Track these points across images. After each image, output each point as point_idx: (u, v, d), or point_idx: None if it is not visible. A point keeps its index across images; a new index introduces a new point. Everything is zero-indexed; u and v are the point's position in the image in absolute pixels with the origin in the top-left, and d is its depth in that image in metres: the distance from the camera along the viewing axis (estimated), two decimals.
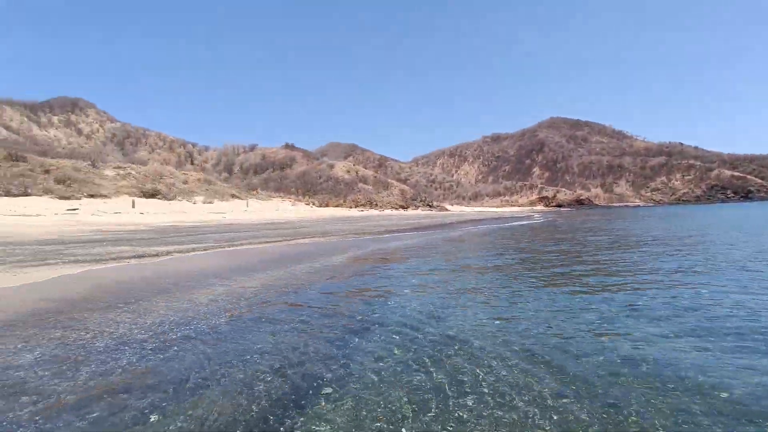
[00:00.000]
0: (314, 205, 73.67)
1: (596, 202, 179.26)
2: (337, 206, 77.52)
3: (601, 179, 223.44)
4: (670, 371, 3.38)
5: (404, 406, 2.87)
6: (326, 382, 3.27)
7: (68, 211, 27.45)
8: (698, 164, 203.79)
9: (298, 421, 2.68)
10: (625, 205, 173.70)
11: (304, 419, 2.70)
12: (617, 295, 6.27)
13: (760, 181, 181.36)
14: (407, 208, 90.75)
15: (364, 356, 3.82)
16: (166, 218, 28.27)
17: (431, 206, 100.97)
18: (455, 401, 2.93)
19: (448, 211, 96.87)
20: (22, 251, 9.94)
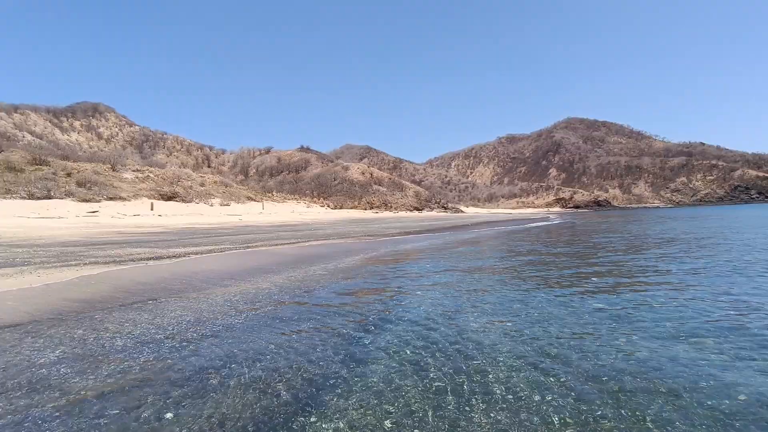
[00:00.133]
0: (329, 207, 74.14)
1: (614, 203, 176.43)
2: (351, 208, 77.90)
3: (619, 180, 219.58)
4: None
5: (415, 409, 2.89)
6: (337, 380, 3.31)
7: (89, 213, 28.17)
8: (721, 164, 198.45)
9: (310, 417, 2.72)
10: (644, 206, 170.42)
11: (317, 415, 2.74)
12: (637, 300, 6.16)
13: None
14: (421, 209, 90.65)
15: (376, 355, 3.84)
16: (183, 220, 28.78)
17: (446, 208, 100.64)
18: (467, 401, 2.94)
19: (462, 213, 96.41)
20: (45, 253, 10.24)
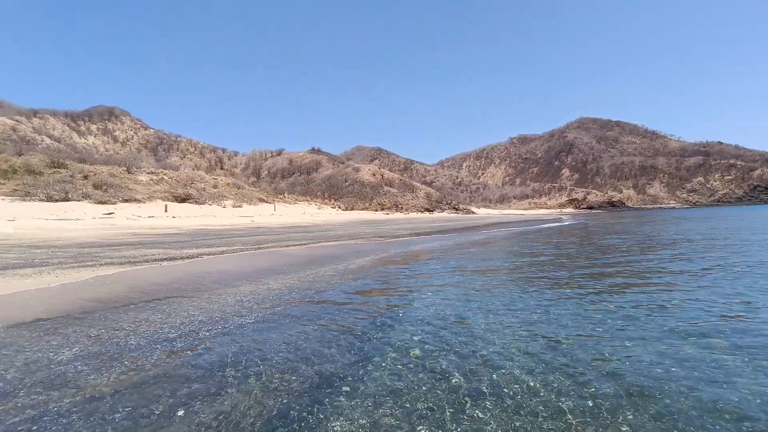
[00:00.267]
0: (340, 208, 74.41)
1: (629, 204, 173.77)
2: (362, 209, 78.08)
3: (633, 180, 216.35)
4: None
5: (421, 406, 2.91)
6: (345, 378, 3.35)
7: (105, 215, 28.72)
8: (739, 163, 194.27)
9: (319, 414, 2.76)
10: (659, 207, 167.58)
11: (324, 413, 2.79)
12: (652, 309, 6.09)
13: None
14: (432, 211, 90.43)
15: (385, 354, 3.87)
16: (196, 222, 29.16)
17: (457, 209, 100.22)
18: (470, 398, 2.96)
19: (474, 214, 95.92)
20: (63, 253, 10.49)
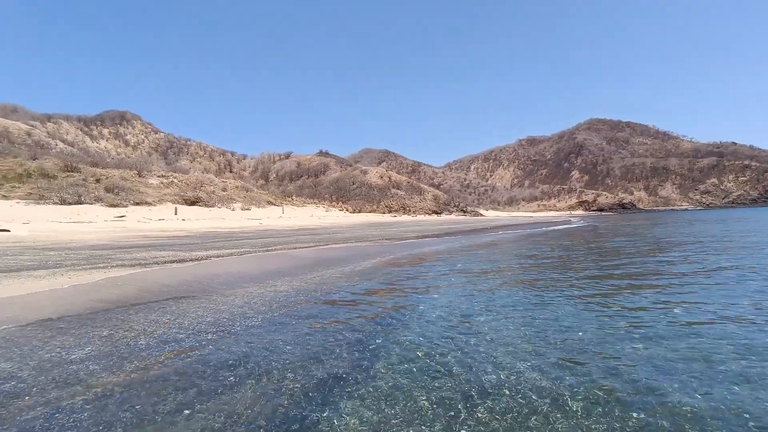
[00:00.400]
0: (347, 211, 74.65)
1: (640, 205, 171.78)
2: (370, 212, 78.23)
3: (644, 182, 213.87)
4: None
5: (426, 405, 2.96)
6: (349, 379, 3.40)
7: (116, 218, 29.16)
8: (754, 164, 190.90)
9: (322, 413, 2.82)
10: (671, 208, 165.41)
11: (327, 412, 2.84)
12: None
13: None
14: (440, 213, 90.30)
15: (390, 355, 3.92)
16: (206, 224, 29.49)
17: (465, 211, 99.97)
18: (475, 405, 3.00)
19: (482, 216, 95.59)
20: (75, 255, 10.70)
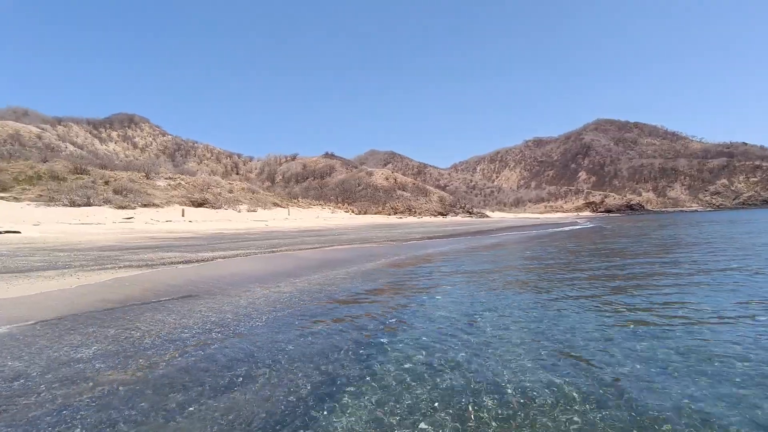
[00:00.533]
0: (353, 212, 74.79)
1: (648, 207, 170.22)
2: (375, 214, 78.31)
3: (653, 183, 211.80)
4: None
5: (426, 405, 2.98)
6: (351, 379, 3.43)
7: (124, 219, 29.45)
8: (765, 165, 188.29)
9: (325, 412, 2.85)
10: (680, 210, 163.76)
11: (331, 410, 2.87)
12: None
13: None
14: (446, 214, 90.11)
15: (393, 355, 3.94)
16: (212, 226, 29.67)
17: (471, 213, 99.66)
18: (477, 405, 3.01)
19: (488, 217, 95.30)
20: (84, 256, 10.84)
